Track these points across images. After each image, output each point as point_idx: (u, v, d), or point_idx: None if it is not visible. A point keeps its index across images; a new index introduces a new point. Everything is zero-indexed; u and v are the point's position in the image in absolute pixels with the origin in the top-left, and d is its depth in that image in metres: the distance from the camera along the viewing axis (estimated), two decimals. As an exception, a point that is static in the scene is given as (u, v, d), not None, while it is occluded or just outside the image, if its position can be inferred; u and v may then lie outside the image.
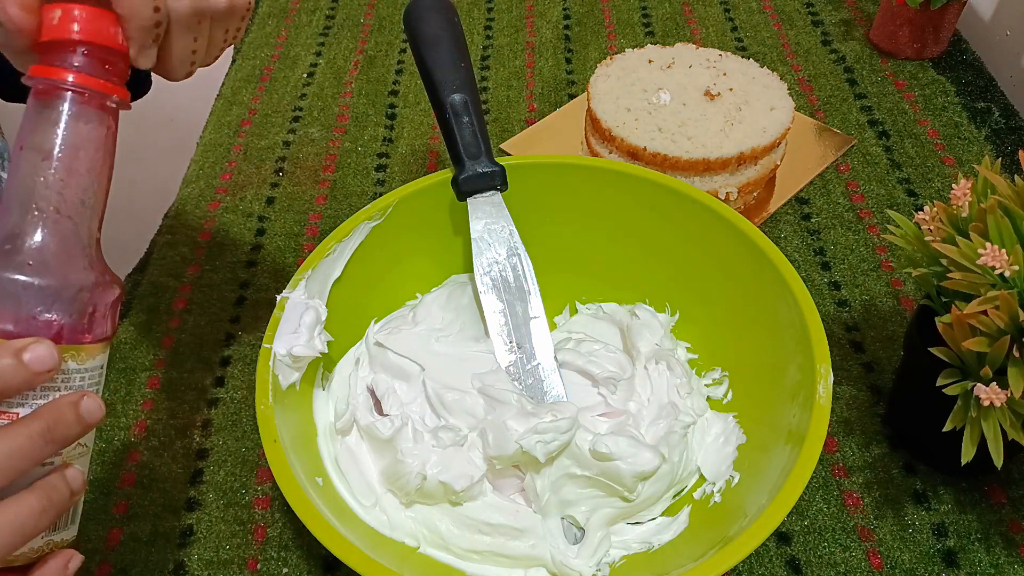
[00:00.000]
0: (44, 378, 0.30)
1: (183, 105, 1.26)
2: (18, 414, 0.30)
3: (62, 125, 0.32)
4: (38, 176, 0.32)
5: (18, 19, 0.35)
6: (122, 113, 0.36)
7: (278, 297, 0.46)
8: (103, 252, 0.35)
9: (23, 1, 0.35)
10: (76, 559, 0.33)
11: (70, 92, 0.32)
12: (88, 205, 0.33)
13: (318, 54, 0.89)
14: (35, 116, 0.33)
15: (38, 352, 0.30)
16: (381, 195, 0.54)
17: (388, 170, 0.74)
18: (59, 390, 0.32)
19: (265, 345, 0.44)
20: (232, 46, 0.99)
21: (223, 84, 0.87)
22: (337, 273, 0.49)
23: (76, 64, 0.33)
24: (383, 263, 0.52)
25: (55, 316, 0.31)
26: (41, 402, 0.31)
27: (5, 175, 0.47)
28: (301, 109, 0.81)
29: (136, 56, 0.35)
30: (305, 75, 0.86)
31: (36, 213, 0.32)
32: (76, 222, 0.33)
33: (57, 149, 0.32)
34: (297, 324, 0.44)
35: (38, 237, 0.32)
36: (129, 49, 0.34)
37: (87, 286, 0.33)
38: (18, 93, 0.51)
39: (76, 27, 0.32)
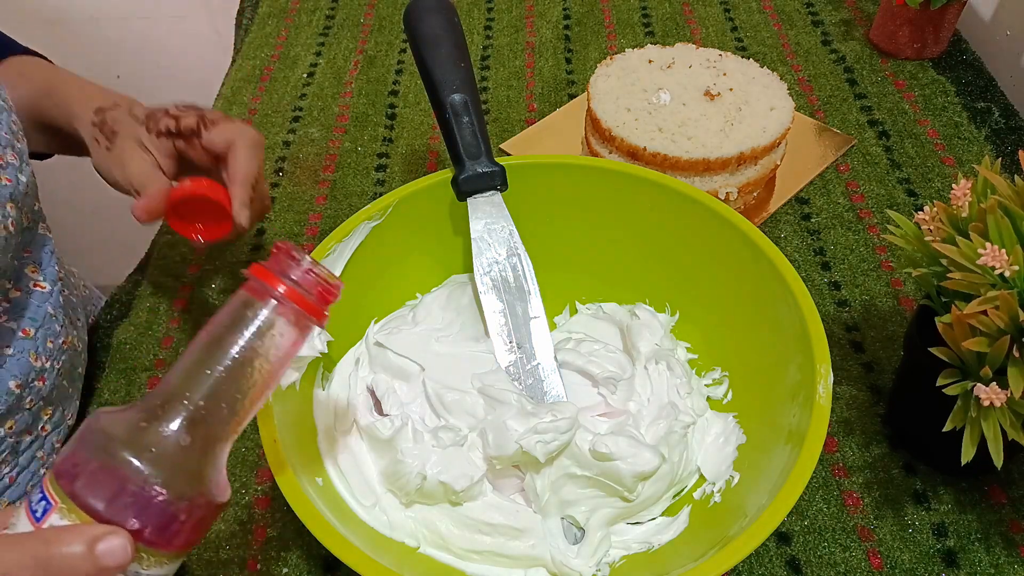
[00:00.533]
0: (110, 574, 0.28)
1: (183, 105, 1.26)
2: None
3: (253, 327, 0.31)
4: (206, 369, 0.30)
5: (144, 220, 0.47)
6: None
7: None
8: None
9: (150, 209, 0.46)
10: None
11: (275, 303, 0.31)
12: (235, 416, 0.31)
13: (318, 54, 0.89)
14: (235, 309, 0.31)
15: (112, 545, 0.27)
16: (381, 195, 0.54)
17: (388, 170, 0.74)
18: None
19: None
20: (234, 47, 0.99)
21: (223, 84, 0.87)
22: (337, 273, 0.49)
23: (295, 278, 0.32)
24: (383, 263, 0.52)
25: (148, 513, 0.29)
26: None
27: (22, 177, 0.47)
28: (301, 109, 0.81)
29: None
30: (305, 75, 0.86)
31: (184, 404, 0.30)
32: (216, 429, 0.31)
33: (238, 350, 0.31)
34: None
35: (173, 428, 0.30)
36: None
37: (194, 496, 0.30)
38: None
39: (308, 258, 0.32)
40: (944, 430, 0.42)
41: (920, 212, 0.45)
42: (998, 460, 0.40)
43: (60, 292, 0.54)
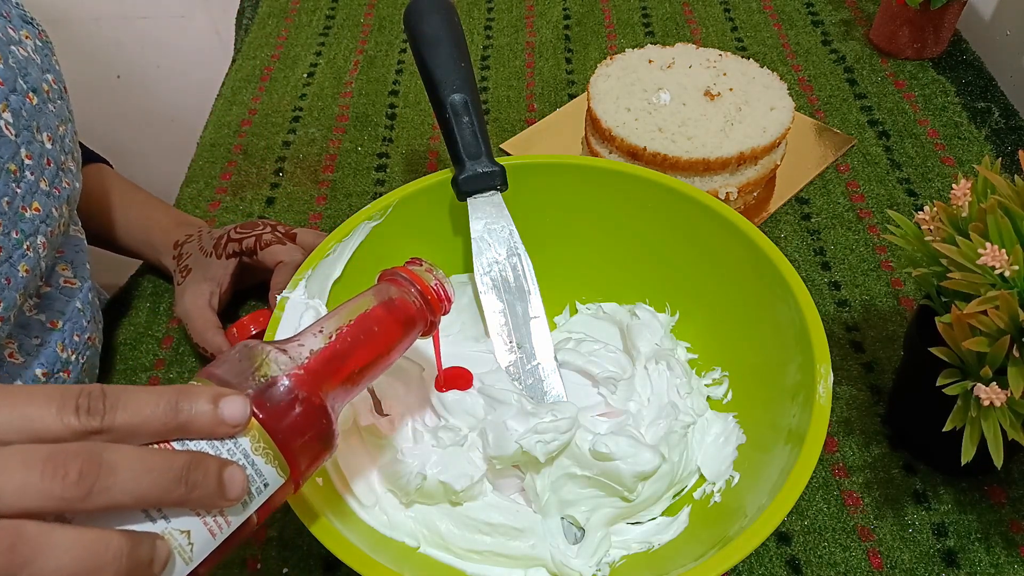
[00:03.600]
0: (226, 433, 0.29)
1: (183, 105, 1.26)
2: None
3: (402, 321, 0.36)
4: (340, 325, 0.34)
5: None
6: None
7: (278, 297, 0.46)
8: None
9: (214, 344, 0.57)
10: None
11: (418, 303, 0.37)
12: (353, 384, 0.35)
13: (318, 54, 0.89)
14: (378, 293, 0.37)
15: (235, 405, 0.29)
16: (381, 195, 0.54)
17: (388, 170, 0.74)
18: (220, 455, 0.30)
19: (265, 345, 0.44)
20: (234, 47, 0.99)
21: (223, 84, 0.87)
22: (337, 273, 0.49)
23: (432, 285, 0.38)
24: (383, 263, 0.52)
25: (270, 409, 0.31)
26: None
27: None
28: (301, 109, 0.81)
29: None
30: (305, 75, 0.86)
31: (327, 335, 0.34)
32: (342, 387, 0.34)
33: (381, 337, 0.35)
34: (297, 324, 0.44)
35: (313, 346, 0.33)
36: None
37: (311, 397, 0.32)
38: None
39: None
40: (944, 430, 0.42)
41: (920, 212, 0.45)
42: (998, 460, 0.40)
43: (90, 290, 0.56)
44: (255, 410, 0.30)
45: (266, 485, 0.31)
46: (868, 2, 0.88)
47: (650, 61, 0.71)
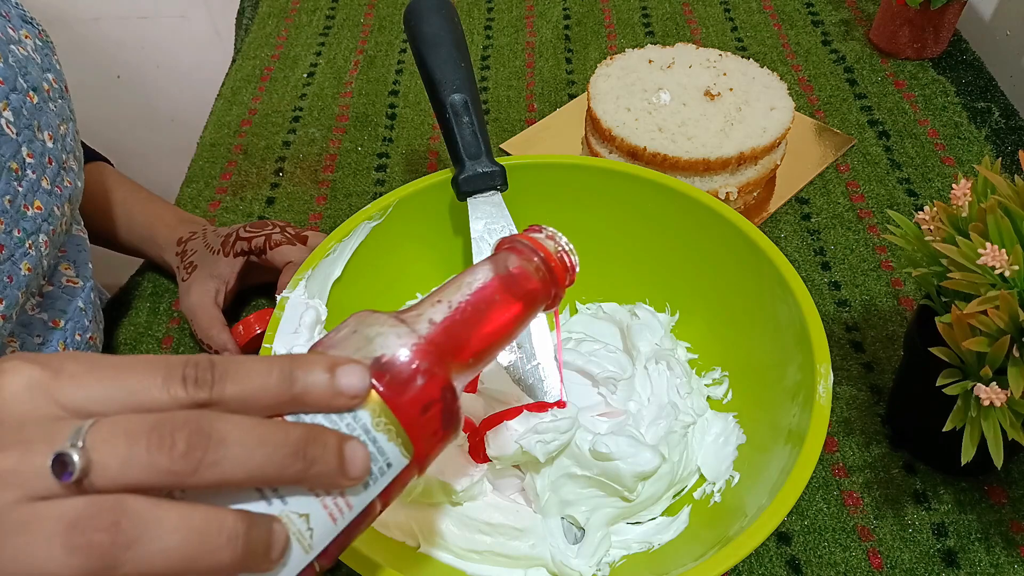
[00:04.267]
0: (344, 404, 0.27)
1: (183, 105, 1.26)
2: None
3: (525, 295, 0.34)
4: (460, 295, 0.32)
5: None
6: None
7: (278, 297, 0.46)
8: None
9: (219, 340, 0.57)
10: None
11: (545, 274, 0.34)
12: (482, 358, 0.32)
13: (318, 54, 0.89)
14: (501, 260, 0.34)
15: (354, 376, 0.27)
16: (381, 195, 0.54)
17: (388, 170, 0.74)
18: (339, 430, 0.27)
19: (265, 345, 0.44)
20: (234, 47, 0.99)
21: (223, 84, 0.87)
22: (337, 273, 0.49)
23: (561, 258, 0.35)
24: (383, 263, 0.52)
25: (391, 380, 0.28)
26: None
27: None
28: (301, 109, 0.81)
29: None
30: (305, 75, 0.86)
31: (447, 306, 0.32)
32: (467, 363, 0.31)
33: (506, 313, 0.33)
34: (297, 324, 0.44)
35: (433, 316, 0.31)
36: None
37: (436, 370, 0.29)
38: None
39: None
40: (944, 430, 0.42)
41: (920, 212, 0.45)
42: (998, 460, 0.40)
43: (92, 290, 0.56)
44: (374, 382, 0.27)
45: (389, 465, 0.28)
46: (868, 2, 0.88)
47: (650, 61, 0.71)
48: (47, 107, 0.48)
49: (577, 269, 0.35)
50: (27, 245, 0.45)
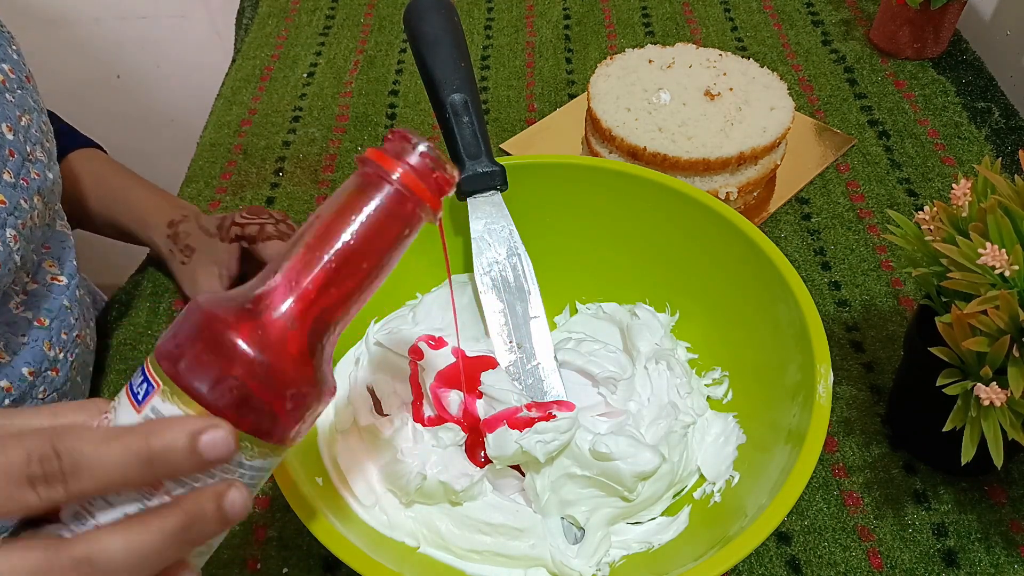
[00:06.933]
0: (212, 467, 0.27)
1: (183, 105, 1.26)
2: (163, 487, 0.27)
3: (367, 211, 0.30)
4: (317, 254, 0.29)
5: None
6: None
7: None
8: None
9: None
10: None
11: (391, 187, 0.30)
12: (344, 306, 0.30)
13: (318, 54, 0.89)
14: (346, 194, 0.30)
15: (216, 438, 0.26)
16: (381, 195, 0.54)
17: (388, 170, 0.74)
18: (213, 477, 0.27)
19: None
20: (234, 47, 0.98)
21: (223, 84, 0.87)
22: (337, 273, 0.49)
23: (411, 162, 0.30)
24: (383, 263, 0.52)
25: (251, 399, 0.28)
26: (192, 484, 0.27)
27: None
28: (301, 109, 0.81)
29: None
30: (305, 75, 0.86)
31: (293, 288, 0.29)
32: (325, 317, 0.29)
33: (348, 234, 0.29)
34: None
35: (281, 312, 0.28)
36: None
37: (298, 381, 0.29)
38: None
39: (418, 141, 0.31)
40: (944, 430, 0.42)
41: (920, 212, 0.45)
42: (998, 460, 0.40)
43: (77, 287, 0.55)
44: (243, 420, 0.27)
45: (266, 469, 0.29)
46: (868, 2, 0.88)
47: (650, 61, 0.71)
48: (4, 98, 0.47)
49: (452, 180, 0.31)
50: None
